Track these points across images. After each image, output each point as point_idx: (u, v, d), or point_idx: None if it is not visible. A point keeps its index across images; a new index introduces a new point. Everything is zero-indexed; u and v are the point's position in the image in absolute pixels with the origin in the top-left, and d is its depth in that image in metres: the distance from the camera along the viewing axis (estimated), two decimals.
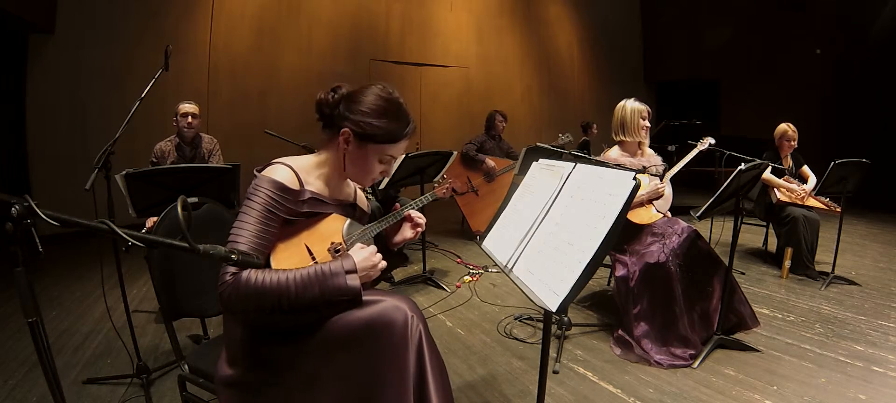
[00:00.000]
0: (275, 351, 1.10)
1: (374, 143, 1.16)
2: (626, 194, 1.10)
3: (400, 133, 1.18)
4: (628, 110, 2.58)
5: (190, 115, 2.98)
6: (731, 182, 2.17)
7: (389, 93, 1.19)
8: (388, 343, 1.04)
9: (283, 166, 1.14)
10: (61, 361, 2.20)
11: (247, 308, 1.03)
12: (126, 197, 2.01)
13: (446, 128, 7.40)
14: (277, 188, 1.09)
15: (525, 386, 2.03)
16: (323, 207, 1.20)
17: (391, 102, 1.18)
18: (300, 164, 1.18)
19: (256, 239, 1.05)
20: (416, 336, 1.06)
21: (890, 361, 2.17)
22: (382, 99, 1.17)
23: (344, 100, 1.17)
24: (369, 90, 1.17)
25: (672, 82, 9.58)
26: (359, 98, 1.16)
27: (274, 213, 1.08)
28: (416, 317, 1.07)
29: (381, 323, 1.05)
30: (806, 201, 3.46)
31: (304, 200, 1.15)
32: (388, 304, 1.08)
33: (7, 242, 0.69)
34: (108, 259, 2.19)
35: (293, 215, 1.13)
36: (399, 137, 1.19)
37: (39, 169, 4.65)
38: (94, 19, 4.80)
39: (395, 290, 3.22)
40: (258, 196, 1.07)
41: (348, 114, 1.15)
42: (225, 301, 1.02)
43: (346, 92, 1.19)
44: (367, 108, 1.15)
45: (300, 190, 1.14)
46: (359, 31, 6.68)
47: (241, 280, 1.01)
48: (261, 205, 1.07)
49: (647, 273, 2.27)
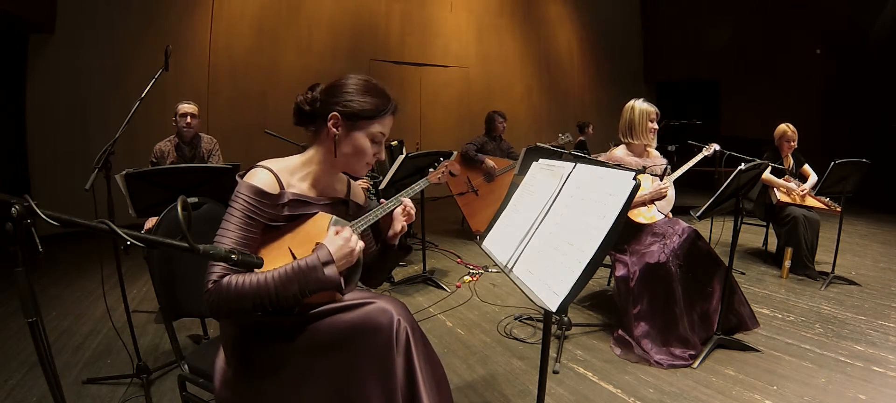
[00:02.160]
0: (264, 351, 1.11)
1: (364, 120, 1.17)
2: (626, 194, 1.10)
3: (386, 106, 1.20)
4: (637, 112, 2.55)
5: (189, 116, 2.98)
6: (731, 182, 2.17)
7: (367, 77, 1.22)
8: (372, 346, 1.04)
9: (263, 170, 1.14)
10: (61, 361, 2.20)
11: (231, 310, 1.05)
12: (126, 197, 2.00)
13: (446, 127, 7.40)
14: (256, 193, 1.10)
15: (525, 386, 2.03)
16: (307, 208, 1.20)
17: (370, 82, 1.20)
18: (283, 166, 1.18)
19: (237, 247, 1.06)
20: (403, 339, 1.05)
21: (890, 361, 2.17)
22: (362, 80, 1.20)
23: (324, 92, 1.19)
24: (348, 76, 1.20)
25: (672, 82, 9.58)
26: (340, 84, 1.19)
27: (253, 219, 1.09)
28: (403, 321, 1.06)
29: (365, 326, 1.05)
30: (806, 201, 3.46)
31: (285, 203, 1.15)
32: (374, 307, 1.07)
33: (7, 242, 0.69)
34: (108, 259, 2.19)
35: (275, 220, 1.14)
36: (386, 110, 1.20)
37: (39, 169, 4.65)
38: (94, 19, 4.80)
39: (393, 290, 3.22)
40: (238, 202, 1.09)
41: (333, 100, 1.17)
42: (210, 306, 1.04)
43: (325, 85, 1.21)
44: (351, 89, 1.17)
45: (280, 193, 1.14)
46: (359, 31, 6.69)
47: (223, 285, 1.02)
48: (240, 212, 1.08)
49: (647, 273, 2.27)
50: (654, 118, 2.56)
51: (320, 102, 1.18)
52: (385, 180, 3.20)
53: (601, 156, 2.71)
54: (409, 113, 7.13)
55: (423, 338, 1.12)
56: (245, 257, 0.88)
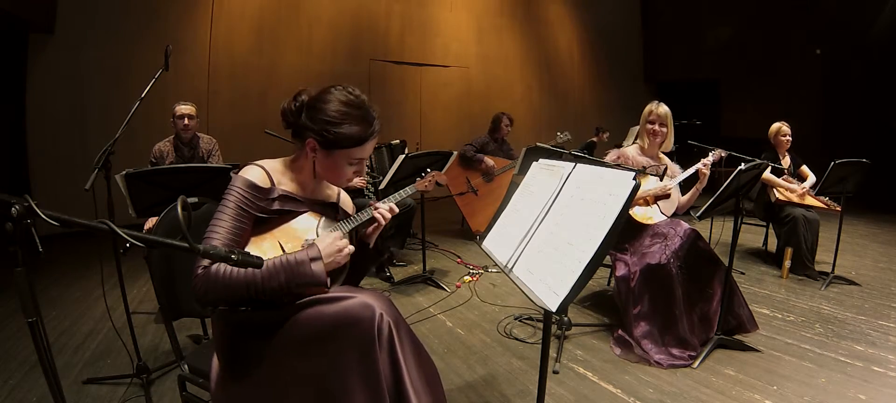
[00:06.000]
0: (248, 346, 1.12)
1: (341, 149, 1.17)
2: (626, 194, 1.10)
3: (365, 135, 1.17)
4: (643, 113, 2.60)
5: (186, 117, 2.98)
6: (731, 182, 2.17)
7: (351, 97, 1.17)
8: (354, 341, 1.03)
9: (256, 167, 1.19)
10: (61, 361, 2.20)
11: (217, 299, 1.08)
12: (126, 197, 2.01)
13: (446, 128, 7.40)
14: (248, 186, 1.14)
15: (525, 386, 2.03)
16: (296, 205, 1.23)
17: (353, 106, 1.16)
18: (274, 166, 1.23)
19: (229, 235, 1.10)
20: (386, 334, 1.04)
21: (890, 361, 2.17)
22: (344, 104, 1.16)
23: (306, 109, 1.17)
24: (331, 96, 1.16)
25: (672, 82, 9.58)
26: (321, 107, 1.15)
27: (245, 210, 1.13)
28: (385, 315, 1.05)
29: (346, 320, 1.05)
30: (805, 200, 3.47)
31: (275, 197, 1.19)
32: (356, 302, 1.06)
33: (7, 242, 0.69)
34: (107, 259, 2.19)
35: (265, 212, 1.17)
36: (364, 140, 1.18)
37: (39, 169, 4.65)
38: (94, 19, 4.79)
39: (394, 290, 3.22)
40: (231, 194, 1.13)
41: (311, 125, 1.15)
42: (197, 294, 1.06)
43: (307, 99, 1.19)
44: (329, 118, 1.14)
45: (271, 188, 1.18)
46: (359, 31, 6.68)
47: (211, 272, 1.05)
48: (233, 203, 1.13)
49: (647, 273, 2.27)
50: (655, 120, 2.54)
51: (300, 120, 1.18)
52: (385, 180, 3.20)
53: (611, 152, 2.71)
54: (408, 113, 7.13)
55: (411, 335, 1.11)
56: (245, 257, 0.88)
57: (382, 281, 3.41)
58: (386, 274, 3.45)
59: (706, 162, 2.50)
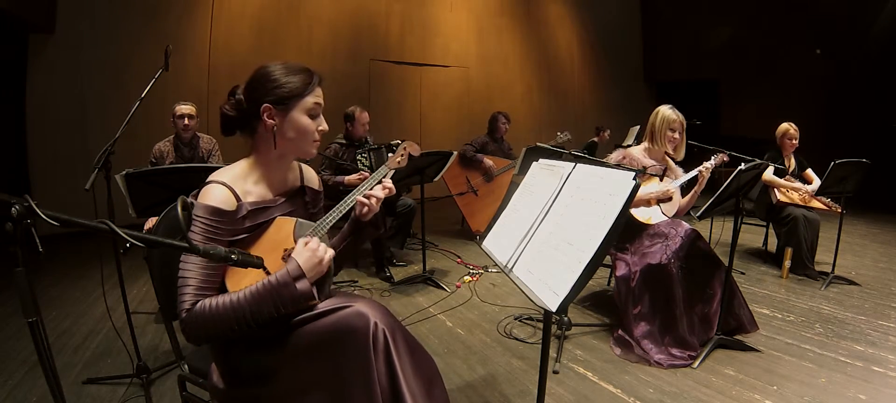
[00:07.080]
0: (245, 361, 1.11)
1: (296, 98, 1.15)
2: (626, 194, 1.10)
3: (310, 80, 1.17)
4: (659, 118, 2.56)
5: (186, 117, 2.97)
6: (731, 182, 2.17)
7: (284, 62, 1.20)
8: (350, 350, 1.03)
9: (216, 186, 1.11)
10: (61, 361, 2.20)
11: (209, 335, 1.04)
12: (126, 197, 2.00)
13: (446, 127, 7.40)
14: (213, 213, 1.08)
15: (525, 386, 2.03)
16: (266, 213, 1.18)
17: (288, 66, 1.18)
18: (236, 174, 1.17)
19: (204, 270, 1.05)
20: (382, 342, 1.04)
21: (890, 361, 2.17)
22: (281, 64, 1.17)
23: (247, 90, 1.17)
24: (266, 68, 1.17)
25: (672, 82, 9.57)
26: (261, 76, 1.16)
27: (215, 240, 1.07)
28: (380, 323, 1.05)
29: (341, 330, 1.04)
30: (806, 201, 3.46)
31: (243, 216, 1.13)
32: (351, 311, 1.06)
33: (7, 242, 0.69)
34: (108, 259, 2.19)
35: (236, 234, 1.12)
36: (314, 81, 1.18)
37: (39, 169, 4.65)
38: (94, 19, 4.79)
39: (394, 291, 3.22)
40: (197, 226, 1.07)
41: (260, 94, 1.15)
42: (187, 335, 1.03)
43: (245, 84, 1.19)
44: (274, 77, 1.15)
45: (237, 207, 1.12)
46: (359, 31, 6.68)
47: (197, 311, 1.02)
48: (201, 236, 1.06)
49: (648, 273, 2.27)
50: (677, 128, 2.54)
51: (248, 101, 1.17)
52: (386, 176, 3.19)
53: (616, 152, 2.71)
54: (408, 113, 7.13)
55: (407, 340, 1.11)
56: (245, 257, 0.88)
57: (382, 281, 3.41)
58: (386, 274, 3.45)
59: (708, 165, 2.51)
